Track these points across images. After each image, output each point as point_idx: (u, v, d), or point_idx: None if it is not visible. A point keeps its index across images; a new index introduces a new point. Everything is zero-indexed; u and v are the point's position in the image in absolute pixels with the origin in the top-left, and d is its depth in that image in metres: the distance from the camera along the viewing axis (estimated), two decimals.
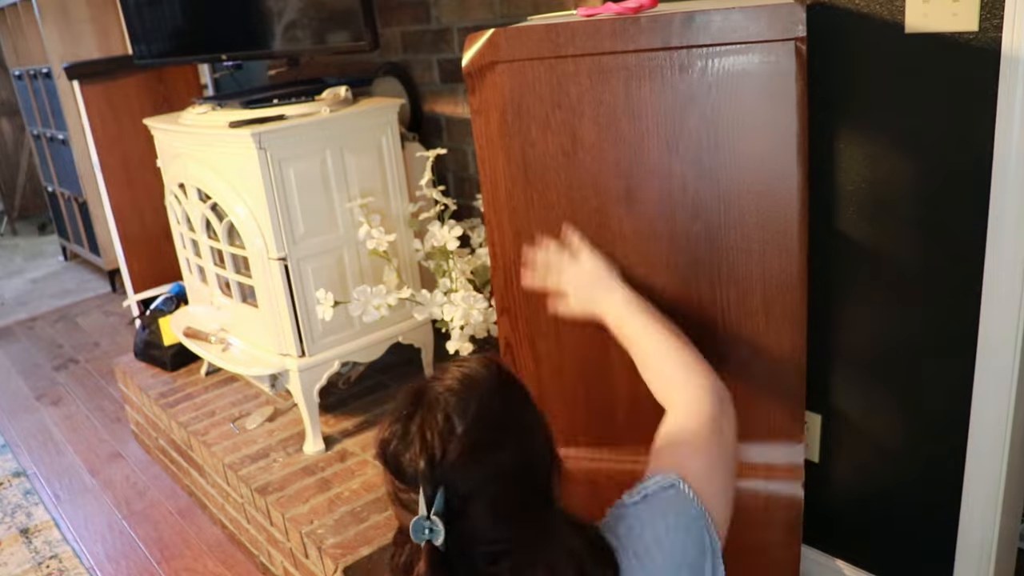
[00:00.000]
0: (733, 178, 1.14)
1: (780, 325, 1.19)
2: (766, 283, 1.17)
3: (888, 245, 1.41)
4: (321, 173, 1.86)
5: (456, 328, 1.85)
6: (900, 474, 1.51)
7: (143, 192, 3.11)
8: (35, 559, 2.14)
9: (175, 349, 2.47)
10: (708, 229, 1.18)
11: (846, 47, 1.37)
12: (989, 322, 1.31)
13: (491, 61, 1.18)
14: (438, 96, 2.15)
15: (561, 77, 1.16)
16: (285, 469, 1.91)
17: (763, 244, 1.16)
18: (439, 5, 2.03)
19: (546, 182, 1.22)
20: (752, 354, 1.22)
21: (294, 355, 1.91)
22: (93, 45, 3.79)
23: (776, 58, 1.07)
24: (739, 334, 1.22)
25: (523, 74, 1.17)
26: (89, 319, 3.87)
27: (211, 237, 2.06)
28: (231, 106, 1.97)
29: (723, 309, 1.21)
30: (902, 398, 1.47)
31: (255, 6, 2.01)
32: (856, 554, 1.64)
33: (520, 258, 1.26)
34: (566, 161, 1.20)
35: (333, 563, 1.60)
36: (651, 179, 1.18)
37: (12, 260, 5.09)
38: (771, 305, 1.18)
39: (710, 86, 1.11)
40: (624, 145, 1.17)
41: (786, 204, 1.13)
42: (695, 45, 1.09)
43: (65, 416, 2.95)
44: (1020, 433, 1.36)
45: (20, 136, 5.63)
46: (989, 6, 1.18)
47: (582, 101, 1.16)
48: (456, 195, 2.16)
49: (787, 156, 1.11)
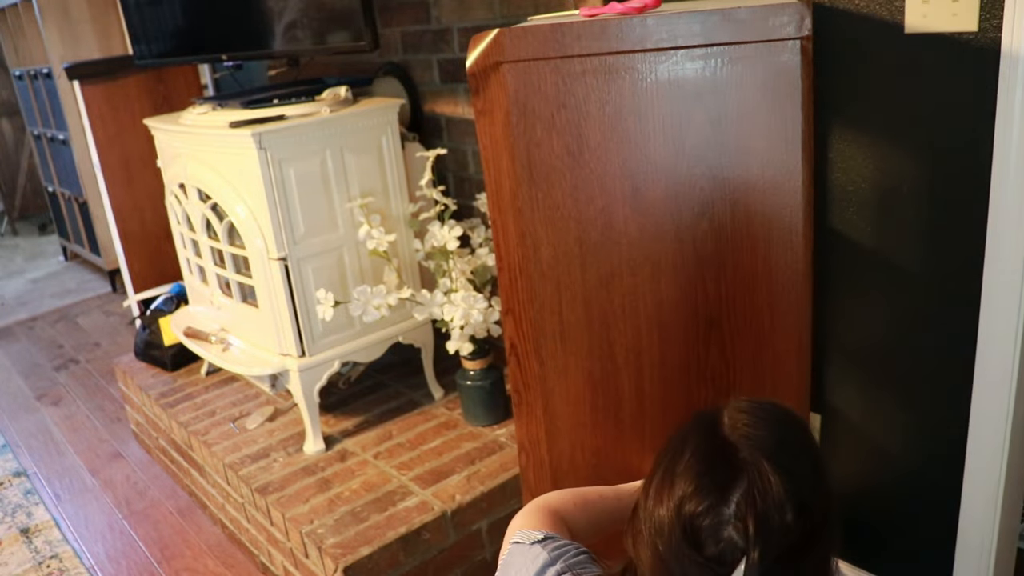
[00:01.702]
0: (739, 176, 1.15)
1: (785, 321, 1.19)
2: (771, 280, 1.18)
3: (888, 245, 1.41)
4: (321, 173, 1.86)
5: (456, 328, 1.85)
6: (900, 474, 1.51)
7: (143, 192, 3.11)
8: (35, 559, 2.14)
9: (175, 349, 2.47)
10: (714, 227, 1.18)
11: (846, 47, 1.37)
12: (989, 322, 1.31)
13: (496, 61, 1.18)
14: (438, 96, 2.15)
15: (567, 77, 1.16)
16: (285, 469, 1.91)
17: (768, 242, 1.16)
18: (439, 5, 2.03)
19: (551, 182, 1.22)
20: (757, 350, 1.22)
21: (294, 355, 1.91)
22: (93, 45, 3.79)
23: (782, 57, 1.08)
24: (745, 331, 1.22)
25: (528, 74, 1.17)
26: (89, 319, 3.88)
27: (211, 237, 2.06)
28: (231, 106, 1.97)
29: (729, 306, 1.22)
30: (902, 398, 1.47)
31: (255, 6, 2.01)
32: (856, 554, 1.64)
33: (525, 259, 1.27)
34: (572, 161, 1.20)
35: (333, 563, 1.60)
36: (657, 178, 1.18)
37: (12, 260, 5.09)
38: (776, 301, 1.19)
39: (716, 85, 1.11)
40: (630, 145, 1.18)
41: (791, 201, 1.13)
42: (701, 44, 1.09)
43: (65, 416, 2.95)
44: (1020, 433, 1.36)
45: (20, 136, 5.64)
46: (989, 6, 1.18)
47: (588, 101, 1.17)
48: (456, 195, 2.16)
49: (792, 154, 1.11)
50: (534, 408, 1.36)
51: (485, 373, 1.95)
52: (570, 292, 1.27)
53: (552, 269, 1.27)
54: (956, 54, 1.24)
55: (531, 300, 1.29)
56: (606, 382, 1.31)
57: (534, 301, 1.29)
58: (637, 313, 1.26)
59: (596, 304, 1.27)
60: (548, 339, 1.31)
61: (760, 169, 1.13)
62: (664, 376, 1.29)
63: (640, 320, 1.26)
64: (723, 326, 1.23)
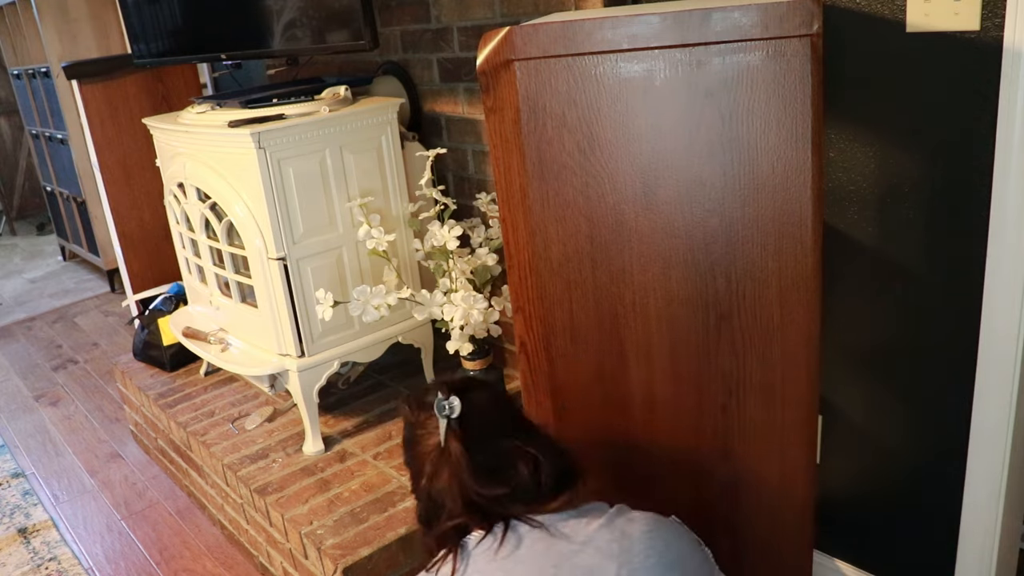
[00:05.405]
0: (749, 173, 1.15)
1: (795, 316, 1.19)
2: (781, 276, 1.18)
3: (889, 245, 1.41)
4: (320, 173, 1.85)
5: (456, 328, 1.85)
6: (900, 474, 1.51)
7: (142, 192, 3.11)
8: (34, 560, 2.14)
9: (174, 349, 2.46)
10: (724, 224, 1.18)
11: (847, 46, 1.36)
12: (990, 321, 1.31)
13: (507, 59, 1.18)
14: (438, 95, 2.15)
15: (578, 75, 1.16)
16: (284, 469, 1.91)
17: (779, 238, 1.16)
18: (439, 4, 2.03)
19: (562, 180, 1.22)
20: (767, 346, 1.22)
21: (293, 355, 1.91)
22: (92, 44, 3.79)
23: (792, 54, 1.08)
24: (754, 326, 1.22)
25: (539, 72, 1.17)
26: (88, 319, 3.87)
27: (210, 237, 2.06)
28: (230, 105, 1.96)
29: (739, 302, 1.22)
30: (902, 398, 1.47)
31: (254, 5, 2.01)
32: (857, 554, 1.64)
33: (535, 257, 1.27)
34: (582, 158, 1.20)
35: (332, 564, 1.60)
36: (668, 175, 1.18)
37: (11, 260, 5.08)
38: (786, 298, 1.19)
39: (726, 82, 1.11)
40: (641, 142, 1.18)
41: (801, 197, 1.13)
42: (712, 42, 1.09)
43: (64, 416, 2.94)
44: (1022, 432, 1.36)
45: (19, 135, 5.63)
46: (991, 5, 1.18)
47: (599, 98, 1.17)
48: (456, 195, 2.15)
49: (802, 151, 1.11)
50: (543, 405, 1.36)
51: (485, 373, 1.95)
52: (580, 289, 1.27)
53: (562, 266, 1.27)
54: (958, 53, 1.24)
55: (541, 298, 1.29)
56: (616, 379, 1.31)
57: (544, 299, 1.29)
58: (647, 310, 1.26)
59: (606, 301, 1.27)
60: (558, 336, 1.31)
61: (770, 166, 1.13)
62: (674, 372, 1.29)
63: (650, 317, 1.26)
64: (733, 322, 1.23)
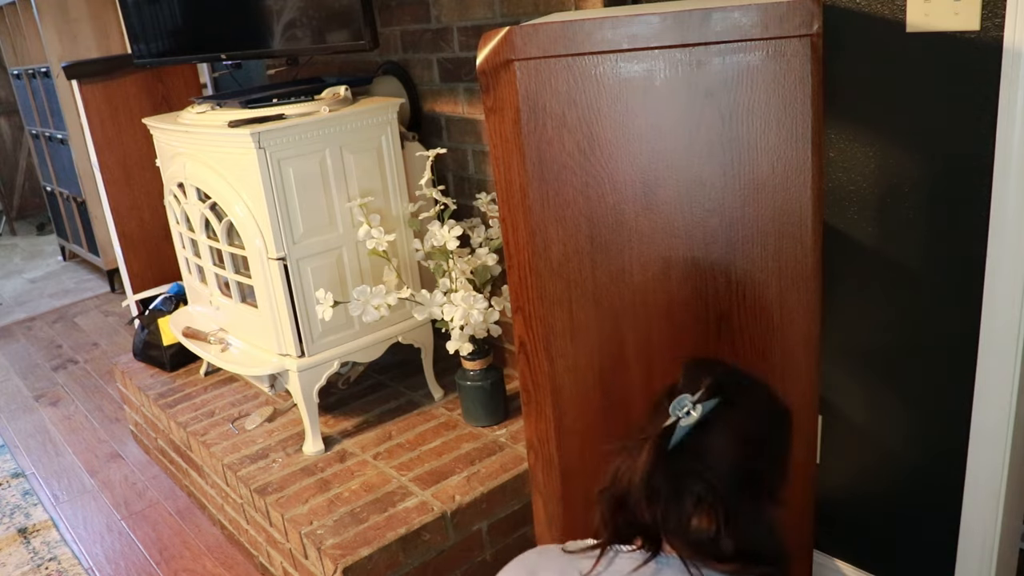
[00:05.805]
0: (749, 172, 1.15)
1: (795, 316, 1.20)
2: (781, 276, 1.18)
3: (889, 244, 1.41)
4: (320, 172, 1.85)
5: (456, 328, 1.85)
6: (900, 474, 1.51)
7: (142, 192, 3.11)
8: (34, 560, 2.13)
9: (174, 349, 2.46)
10: (724, 224, 1.18)
11: (847, 46, 1.36)
12: (990, 321, 1.31)
13: (507, 59, 1.18)
14: (438, 95, 2.15)
15: (578, 75, 1.16)
16: (284, 470, 1.91)
17: (779, 238, 1.16)
18: (439, 4, 2.03)
19: (562, 180, 1.22)
20: (767, 345, 1.22)
21: (293, 355, 1.91)
22: (92, 44, 3.79)
23: (792, 54, 1.08)
24: (754, 326, 1.22)
25: (539, 72, 1.17)
26: (88, 319, 3.87)
27: (210, 237, 2.06)
28: (230, 105, 1.96)
29: (738, 303, 1.22)
30: (902, 398, 1.47)
31: (254, 5, 2.01)
32: (857, 554, 1.64)
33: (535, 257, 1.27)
34: (582, 159, 1.20)
35: (332, 564, 1.59)
36: (668, 175, 1.18)
37: (11, 260, 5.08)
38: (786, 298, 1.19)
39: (727, 82, 1.11)
40: (641, 142, 1.18)
41: (801, 197, 1.14)
42: (712, 42, 1.09)
43: (64, 416, 2.94)
44: (1022, 432, 1.36)
45: (19, 135, 5.63)
46: (991, 5, 1.18)
47: (599, 99, 1.17)
48: (456, 195, 2.15)
49: (802, 150, 1.11)
50: (543, 406, 1.36)
51: (485, 373, 1.95)
52: (580, 289, 1.27)
53: (562, 267, 1.27)
54: (958, 53, 1.24)
55: (541, 298, 1.29)
56: (616, 379, 1.31)
57: (544, 299, 1.29)
58: (648, 310, 1.26)
59: (606, 301, 1.27)
60: (558, 337, 1.31)
61: (770, 166, 1.13)
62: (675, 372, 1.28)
63: (651, 317, 1.26)
64: (733, 322, 1.23)
